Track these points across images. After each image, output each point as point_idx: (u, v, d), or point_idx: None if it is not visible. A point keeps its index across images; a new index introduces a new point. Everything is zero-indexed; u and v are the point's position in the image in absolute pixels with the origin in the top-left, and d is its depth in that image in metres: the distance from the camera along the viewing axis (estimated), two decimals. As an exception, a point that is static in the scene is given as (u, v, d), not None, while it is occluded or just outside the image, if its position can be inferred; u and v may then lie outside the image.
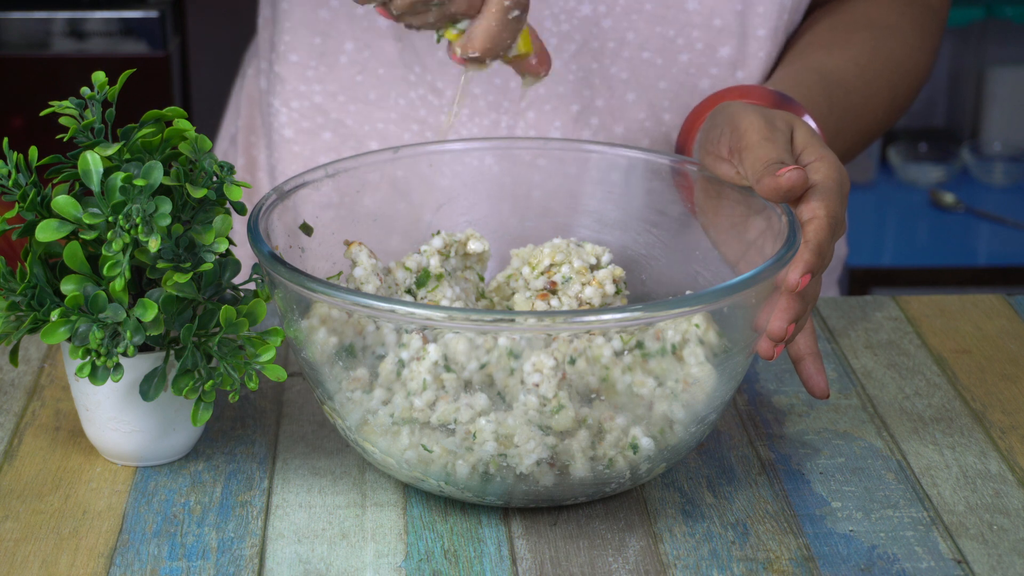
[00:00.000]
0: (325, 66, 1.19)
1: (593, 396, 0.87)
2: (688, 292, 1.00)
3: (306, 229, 0.97)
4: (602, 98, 1.15)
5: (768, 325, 0.90)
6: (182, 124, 0.91)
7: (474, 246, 1.00)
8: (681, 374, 0.88)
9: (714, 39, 1.14)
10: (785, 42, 1.19)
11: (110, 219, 0.87)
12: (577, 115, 1.15)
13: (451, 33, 0.93)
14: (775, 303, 0.90)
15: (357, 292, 0.85)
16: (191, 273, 0.89)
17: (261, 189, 1.28)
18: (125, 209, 0.87)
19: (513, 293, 0.99)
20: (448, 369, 0.87)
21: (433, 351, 0.87)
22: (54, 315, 0.88)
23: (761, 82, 1.16)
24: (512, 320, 0.83)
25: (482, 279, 1.01)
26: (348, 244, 0.96)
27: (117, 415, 0.93)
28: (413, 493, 0.93)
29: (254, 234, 0.90)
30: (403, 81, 1.18)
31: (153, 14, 2.23)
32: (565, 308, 0.96)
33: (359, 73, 1.19)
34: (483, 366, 0.87)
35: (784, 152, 0.93)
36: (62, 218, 0.88)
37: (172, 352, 0.91)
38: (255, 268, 0.94)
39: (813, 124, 1.04)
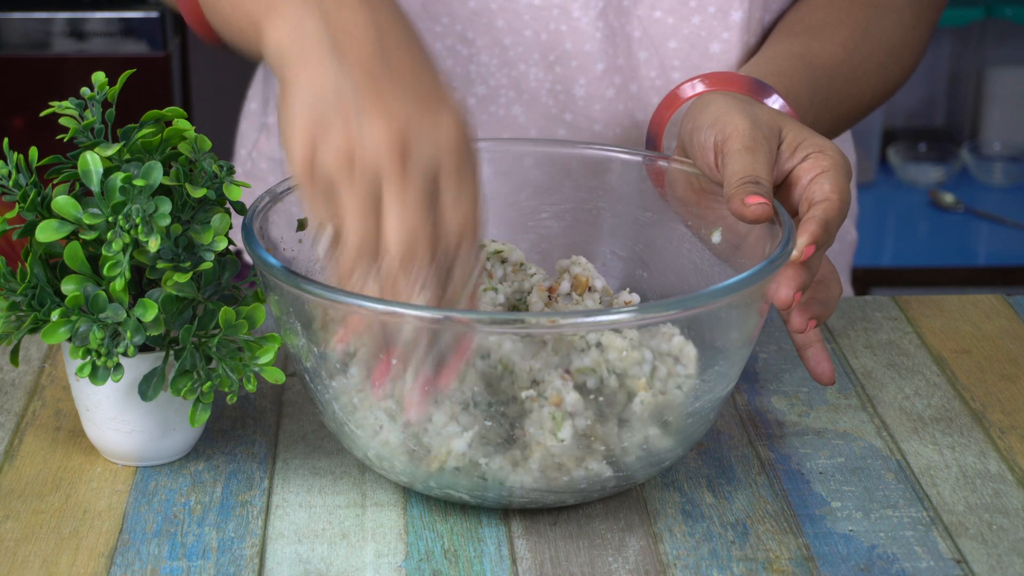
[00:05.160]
0: None
1: (592, 397, 0.87)
2: (682, 292, 1.00)
3: (303, 226, 0.97)
4: (622, 56, 1.15)
5: (776, 294, 0.90)
6: (182, 124, 0.91)
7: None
8: (673, 372, 0.88)
9: (727, 3, 1.13)
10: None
11: (110, 219, 0.87)
12: (602, 74, 1.15)
13: None
14: (780, 276, 0.90)
15: (352, 294, 0.84)
16: (191, 273, 0.89)
17: None
18: (125, 209, 0.87)
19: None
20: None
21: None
22: (54, 315, 0.88)
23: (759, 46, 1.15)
24: (509, 323, 0.83)
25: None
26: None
27: (117, 415, 0.93)
28: (413, 493, 0.93)
29: (249, 237, 0.90)
30: (428, 33, 1.16)
31: (153, 14, 2.23)
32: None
33: None
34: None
35: (763, 167, 0.93)
36: (62, 218, 0.88)
37: (171, 352, 0.91)
38: (255, 268, 0.94)
39: (780, 103, 1.02)
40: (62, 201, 0.88)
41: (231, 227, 0.91)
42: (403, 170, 0.80)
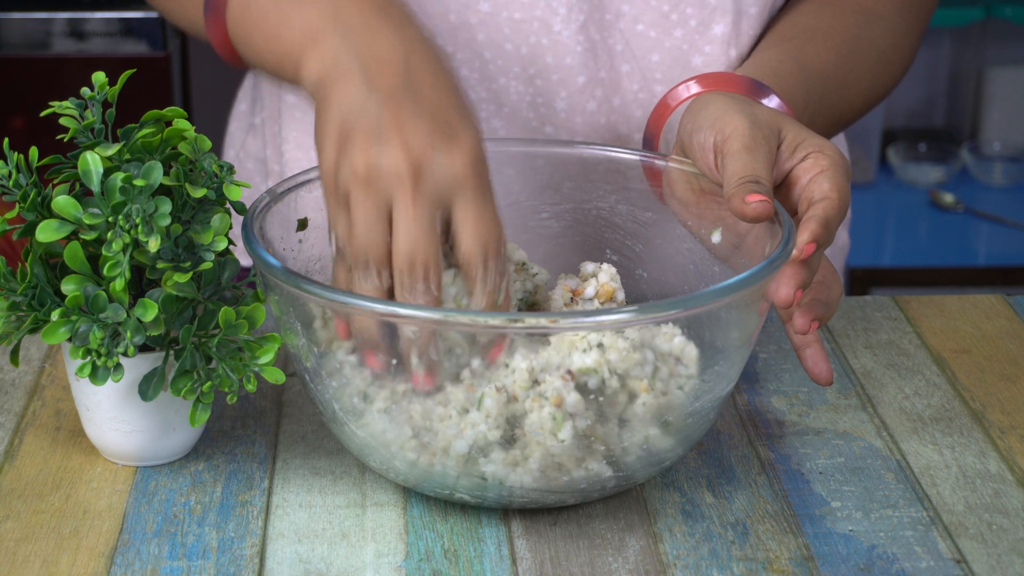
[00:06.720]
0: None
1: (592, 397, 0.87)
2: (682, 292, 1.00)
3: (303, 225, 0.97)
4: (604, 69, 1.15)
5: (776, 293, 0.90)
6: (182, 124, 0.91)
7: None
8: (674, 372, 0.88)
9: (708, 17, 1.14)
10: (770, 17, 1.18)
11: (110, 219, 0.87)
12: (583, 87, 1.15)
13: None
14: (781, 274, 0.90)
15: (353, 295, 0.85)
16: (191, 273, 0.89)
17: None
18: (125, 209, 0.87)
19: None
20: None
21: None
22: (55, 315, 0.88)
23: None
24: (510, 321, 0.83)
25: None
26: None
27: (117, 415, 0.93)
28: (413, 493, 0.93)
29: (248, 236, 0.90)
30: None
31: (153, 14, 2.23)
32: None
33: None
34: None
35: (763, 166, 0.93)
36: (62, 218, 0.88)
37: (172, 352, 0.91)
38: (255, 268, 0.94)
39: (777, 102, 1.03)
40: (62, 201, 0.88)
41: (231, 227, 0.91)
42: (415, 190, 0.85)
